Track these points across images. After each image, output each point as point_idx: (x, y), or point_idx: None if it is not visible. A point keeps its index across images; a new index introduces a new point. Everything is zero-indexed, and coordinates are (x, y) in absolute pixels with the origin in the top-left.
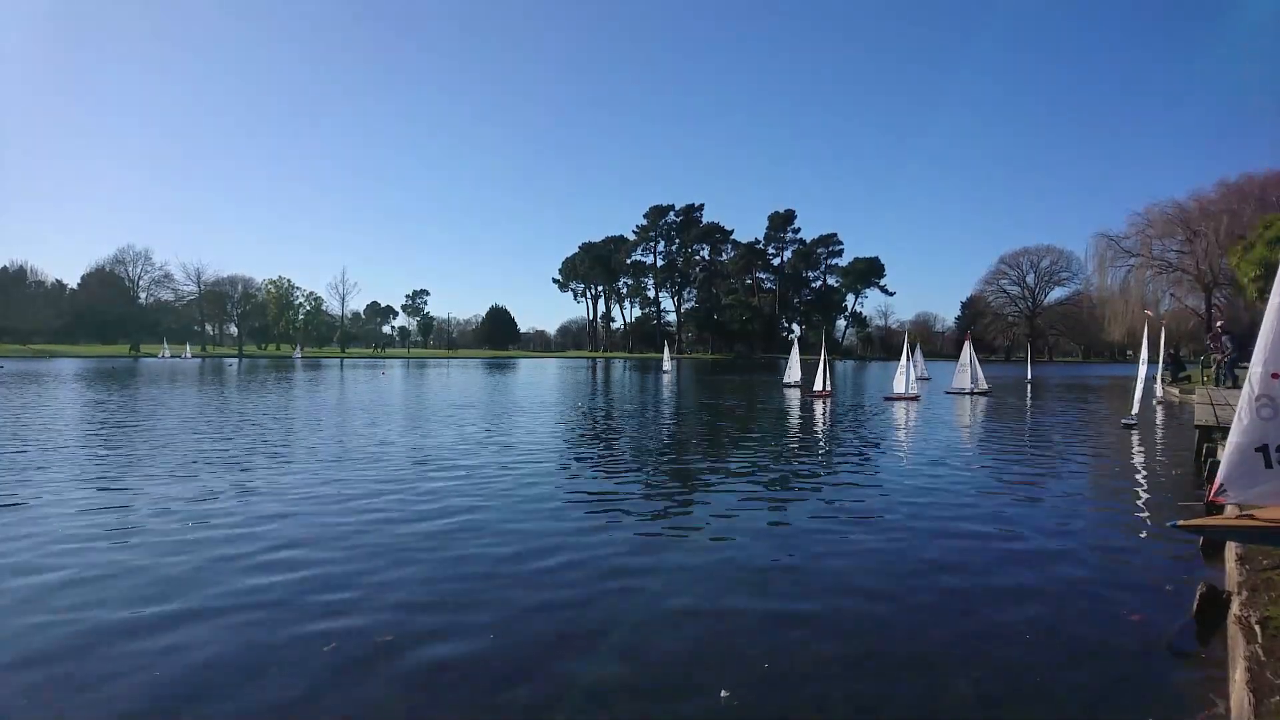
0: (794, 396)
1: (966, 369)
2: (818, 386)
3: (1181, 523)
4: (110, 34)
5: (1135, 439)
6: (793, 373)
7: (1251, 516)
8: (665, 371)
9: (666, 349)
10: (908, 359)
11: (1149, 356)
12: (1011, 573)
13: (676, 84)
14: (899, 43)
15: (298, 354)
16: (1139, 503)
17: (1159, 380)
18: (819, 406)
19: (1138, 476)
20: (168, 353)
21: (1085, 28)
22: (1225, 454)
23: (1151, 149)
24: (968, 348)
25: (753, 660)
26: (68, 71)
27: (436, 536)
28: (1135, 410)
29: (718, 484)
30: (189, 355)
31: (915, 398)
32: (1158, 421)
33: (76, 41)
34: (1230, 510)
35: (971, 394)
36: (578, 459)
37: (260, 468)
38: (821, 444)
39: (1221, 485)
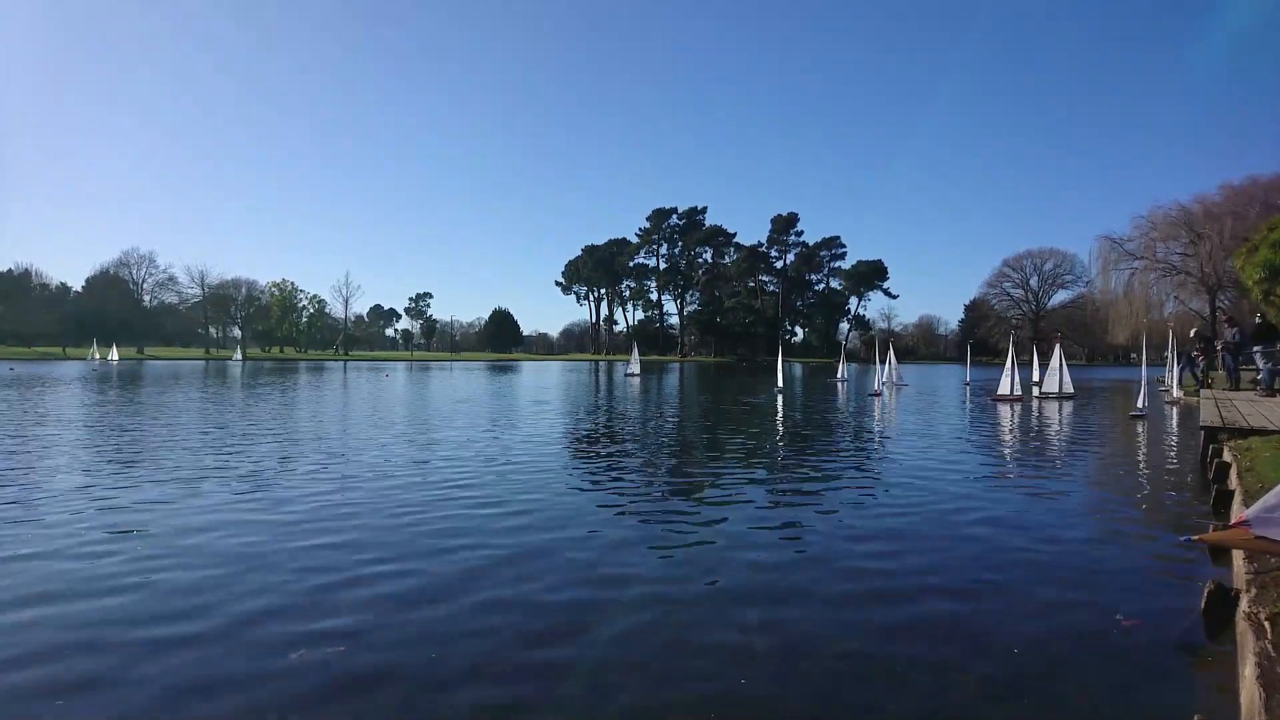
0: (829, 397)
1: (1057, 373)
2: (873, 388)
3: (1195, 537)
4: (113, 37)
5: (1143, 438)
6: (778, 377)
7: (1271, 540)
8: (632, 375)
9: (635, 349)
10: (1013, 361)
11: (1148, 359)
12: (1015, 570)
13: (680, 87)
14: (902, 45)
15: (237, 356)
16: (1148, 501)
17: (1169, 382)
18: (876, 404)
19: (1146, 475)
20: (98, 356)
21: (1088, 28)
22: (1261, 501)
23: (1154, 151)
24: (1058, 351)
25: (756, 655)
26: (70, 74)
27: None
28: (1141, 404)
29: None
30: (115, 359)
31: (1020, 399)
32: (1165, 422)
33: (79, 44)
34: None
35: (1059, 398)
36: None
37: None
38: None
39: (1246, 520)
